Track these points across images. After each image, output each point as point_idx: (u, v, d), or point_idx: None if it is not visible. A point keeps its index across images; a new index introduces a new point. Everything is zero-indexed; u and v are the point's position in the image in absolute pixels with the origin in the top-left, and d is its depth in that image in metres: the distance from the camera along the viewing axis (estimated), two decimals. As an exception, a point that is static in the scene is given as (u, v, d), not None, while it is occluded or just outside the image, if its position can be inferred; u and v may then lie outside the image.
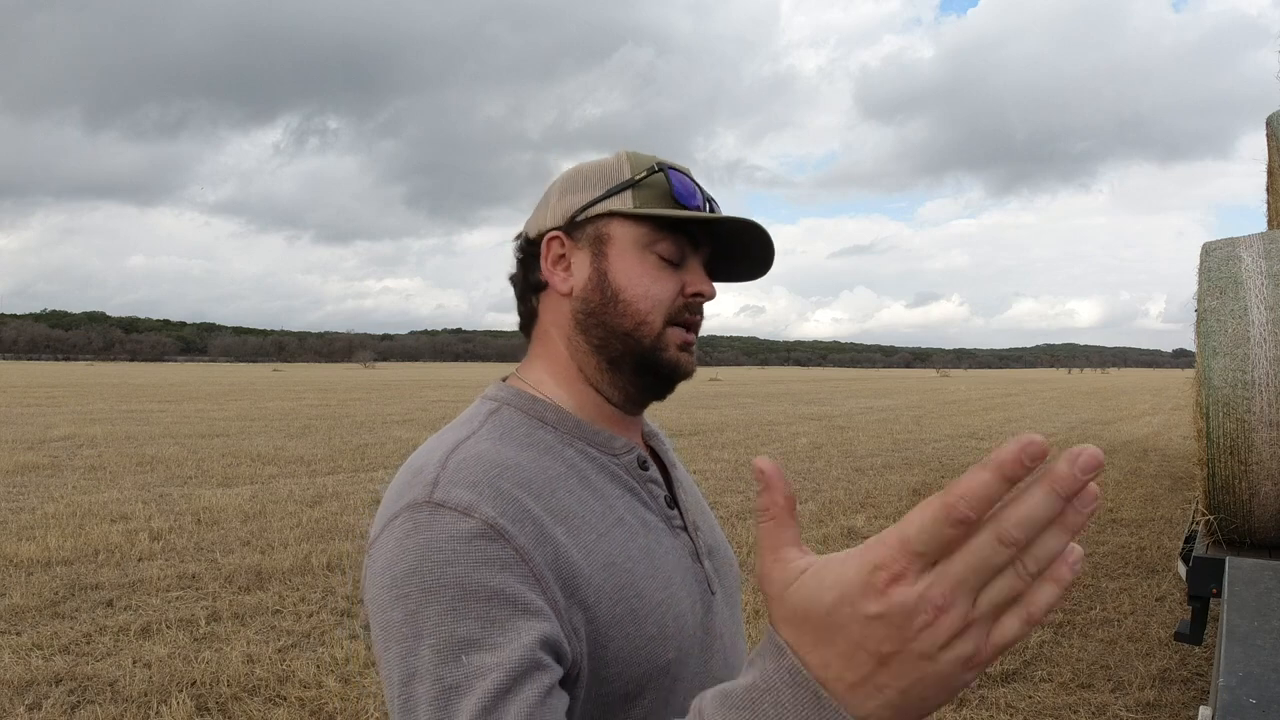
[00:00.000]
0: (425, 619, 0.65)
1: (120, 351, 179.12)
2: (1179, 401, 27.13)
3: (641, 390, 0.87)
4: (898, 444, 14.15)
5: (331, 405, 22.89)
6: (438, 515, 0.69)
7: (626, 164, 0.86)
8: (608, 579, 0.75)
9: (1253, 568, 2.61)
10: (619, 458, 0.85)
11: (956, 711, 3.65)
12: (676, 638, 0.79)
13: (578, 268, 0.85)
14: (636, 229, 0.84)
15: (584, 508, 0.78)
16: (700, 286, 0.85)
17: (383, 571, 0.69)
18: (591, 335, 0.85)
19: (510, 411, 0.84)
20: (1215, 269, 3.65)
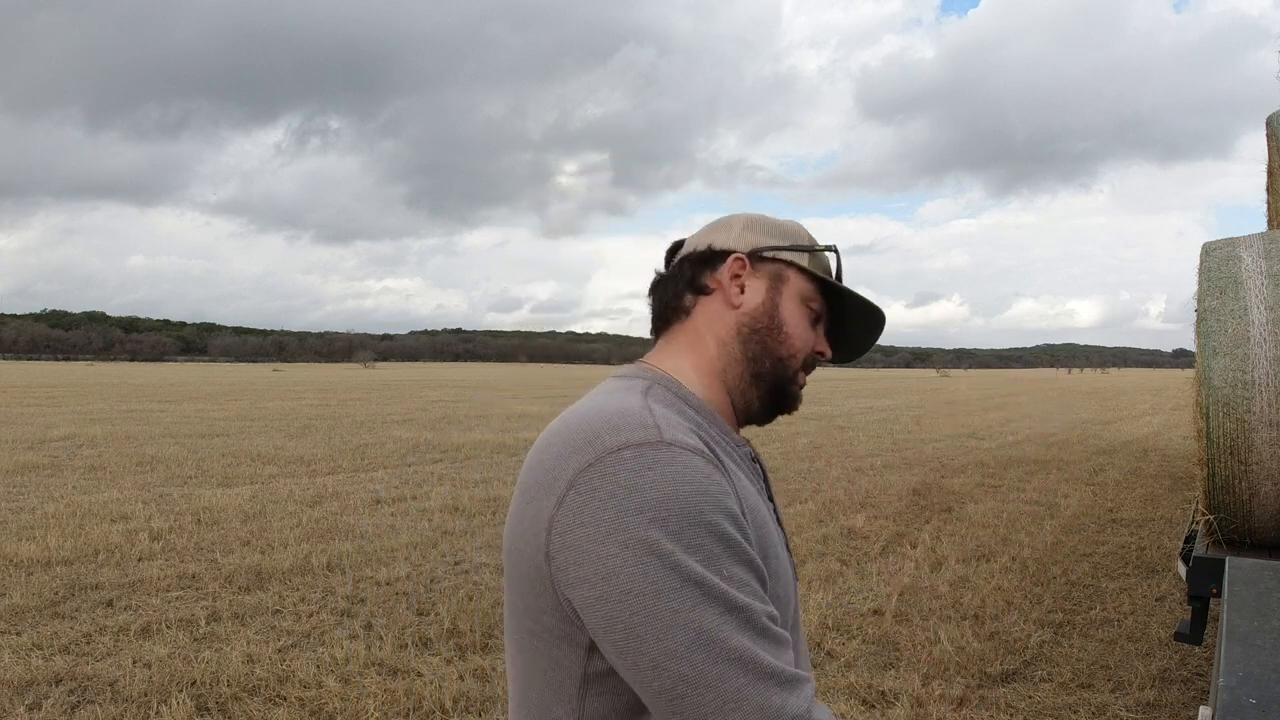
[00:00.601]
0: (691, 535, 0.72)
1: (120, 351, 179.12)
2: (1179, 401, 27.13)
3: (762, 407, 0.99)
4: (898, 444, 14.15)
5: (331, 405, 22.89)
6: (677, 453, 0.76)
7: (804, 233, 1.02)
8: (761, 537, 0.84)
9: (1253, 568, 2.61)
10: (740, 449, 0.94)
11: (957, 711, 3.65)
12: (786, 605, 0.88)
13: (752, 291, 0.97)
14: (806, 284, 0.98)
15: (739, 476, 0.87)
16: (823, 348, 1.01)
17: (624, 497, 0.73)
18: (750, 347, 0.96)
19: (662, 390, 0.90)
20: (1215, 269, 3.65)
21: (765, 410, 0.99)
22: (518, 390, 35.92)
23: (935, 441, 14.69)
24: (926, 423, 18.99)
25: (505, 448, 12.95)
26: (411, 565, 5.88)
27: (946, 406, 26.01)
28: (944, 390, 40.94)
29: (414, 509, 7.88)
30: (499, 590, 5.26)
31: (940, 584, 5.52)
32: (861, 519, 7.58)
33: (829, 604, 5.07)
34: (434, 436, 14.49)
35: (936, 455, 12.58)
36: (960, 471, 10.77)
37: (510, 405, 24.08)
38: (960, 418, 20.77)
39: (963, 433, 16.52)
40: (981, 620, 4.79)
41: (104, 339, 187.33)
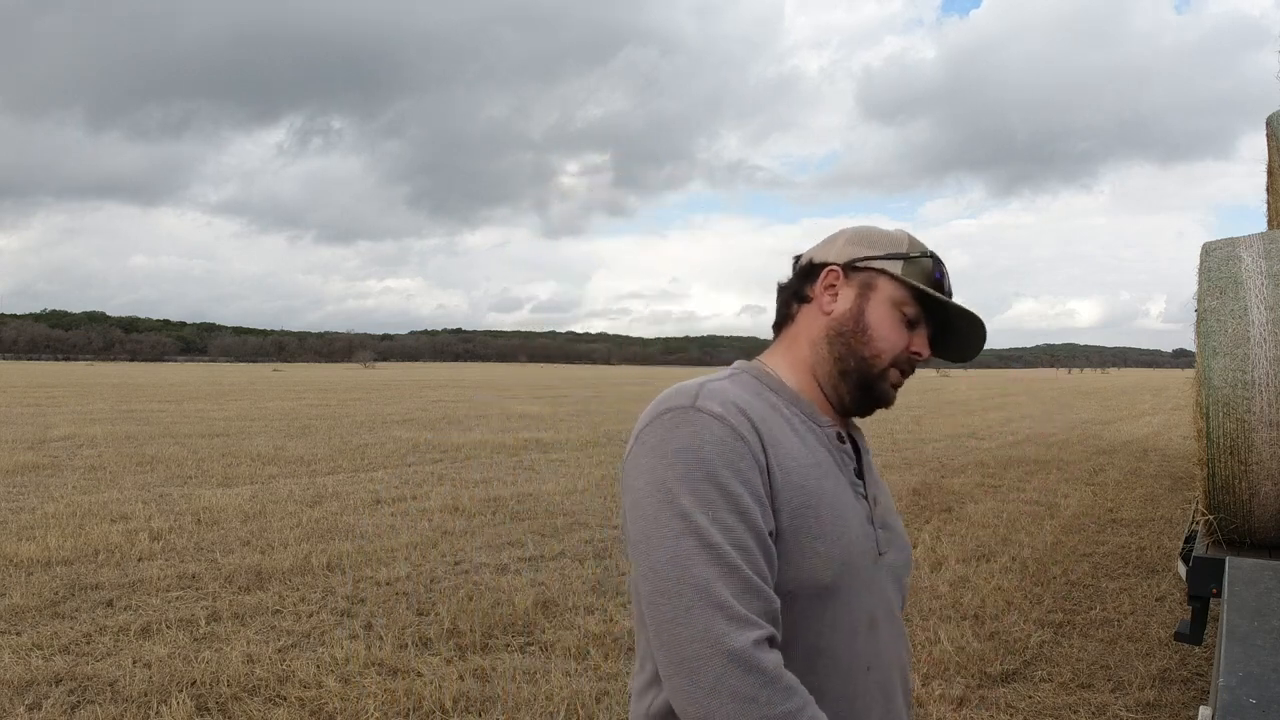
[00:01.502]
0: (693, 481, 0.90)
1: (120, 351, 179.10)
2: (1179, 401, 27.13)
3: (854, 402, 1.10)
4: (898, 444, 14.15)
5: (331, 405, 22.89)
6: (699, 415, 0.95)
7: (906, 241, 1.11)
8: (795, 495, 0.96)
9: (1253, 568, 2.61)
10: (824, 429, 1.07)
11: (957, 711, 3.65)
12: (839, 565, 0.98)
13: (843, 299, 1.10)
14: (897, 290, 1.08)
15: (790, 443, 1.00)
16: (920, 349, 1.10)
17: (656, 446, 0.94)
18: (835, 348, 1.09)
19: (746, 376, 1.08)
20: (1215, 269, 3.65)
21: (857, 403, 1.10)
22: (517, 390, 35.92)
23: (935, 441, 14.68)
24: (926, 423, 18.99)
25: (505, 448, 12.95)
26: (411, 565, 5.88)
27: (946, 406, 26.01)
28: (944, 390, 40.95)
29: (414, 509, 7.88)
30: (499, 590, 5.26)
31: (940, 584, 5.52)
32: (861, 519, 7.57)
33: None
34: (434, 436, 14.49)
35: (936, 455, 12.57)
36: (960, 471, 10.77)
37: (510, 405, 24.08)
38: (960, 418, 20.77)
39: (963, 433, 16.52)
40: (981, 620, 4.79)
41: (104, 339, 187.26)
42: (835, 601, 0.99)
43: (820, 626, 0.98)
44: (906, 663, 1.13)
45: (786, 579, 0.95)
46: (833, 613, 0.99)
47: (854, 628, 1.01)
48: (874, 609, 1.04)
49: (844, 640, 1.00)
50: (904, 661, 1.12)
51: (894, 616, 1.09)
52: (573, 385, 43.79)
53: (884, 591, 1.07)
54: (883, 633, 1.05)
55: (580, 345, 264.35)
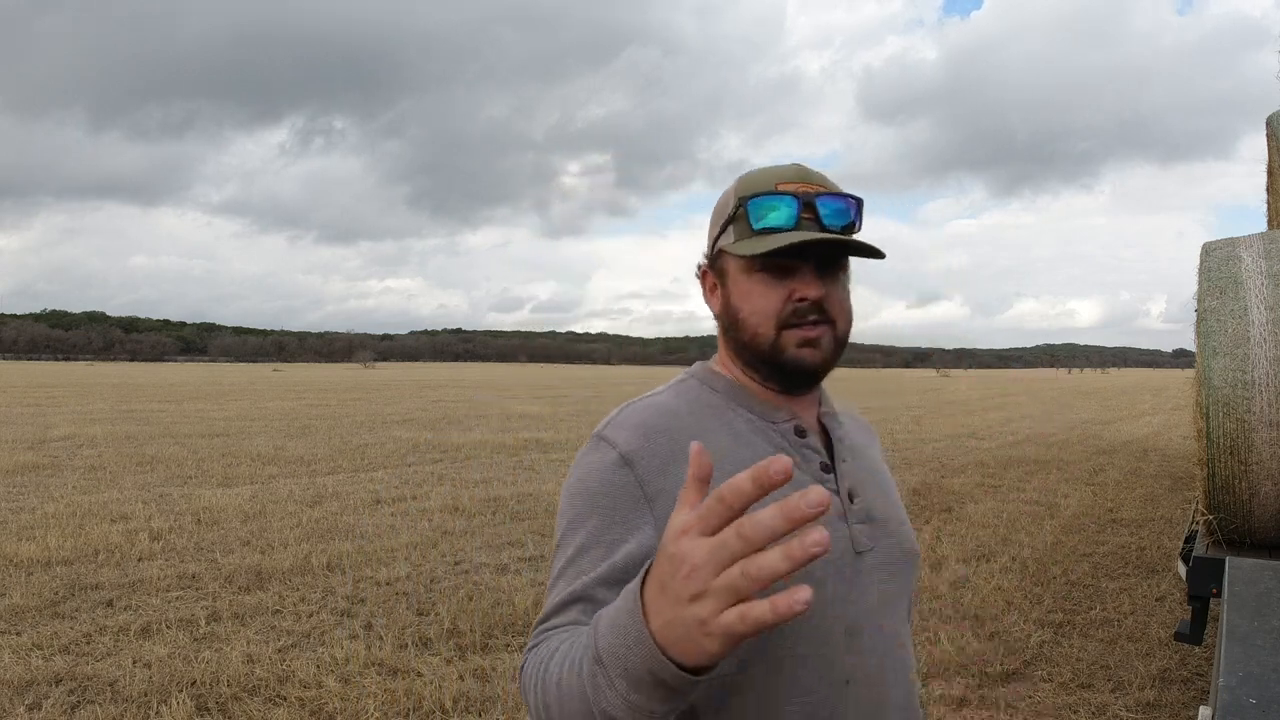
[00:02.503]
0: (566, 517, 0.95)
1: (120, 351, 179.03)
2: (1179, 401, 27.13)
3: (778, 383, 1.02)
4: (898, 444, 14.14)
5: (331, 405, 22.89)
6: (599, 445, 0.97)
7: (733, 197, 1.01)
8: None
9: (1253, 568, 2.61)
10: (777, 425, 1.01)
11: (957, 711, 3.65)
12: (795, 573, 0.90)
13: (720, 295, 1.04)
14: (740, 258, 0.99)
15: (723, 455, 0.95)
16: (803, 291, 0.97)
17: (569, 475, 0.99)
18: (730, 345, 1.04)
19: (693, 381, 1.06)
20: (1215, 269, 3.65)
21: (780, 383, 1.02)
22: (517, 390, 35.93)
23: (935, 441, 14.68)
24: (926, 423, 18.99)
25: (505, 448, 12.95)
26: (411, 565, 5.88)
27: (946, 406, 26.02)
28: (944, 390, 40.95)
29: (414, 509, 7.88)
30: (499, 590, 5.26)
31: (940, 584, 5.52)
32: (861, 519, 7.57)
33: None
34: (434, 436, 14.49)
35: (936, 455, 12.57)
36: (960, 471, 10.77)
37: (510, 405, 24.09)
38: (960, 418, 20.77)
39: (963, 433, 16.52)
40: (981, 620, 4.79)
41: (104, 339, 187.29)
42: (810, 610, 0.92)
43: (784, 635, 0.90)
44: (904, 677, 1.01)
45: None
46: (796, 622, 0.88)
47: (825, 637, 0.92)
48: (852, 616, 0.95)
49: (813, 652, 0.92)
50: (899, 674, 1.00)
51: (882, 624, 0.98)
52: (573, 385, 43.79)
53: (866, 597, 0.97)
54: (865, 643, 0.95)
55: (580, 345, 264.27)
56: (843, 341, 1.01)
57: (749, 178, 1.01)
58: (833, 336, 0.99)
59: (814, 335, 0.97)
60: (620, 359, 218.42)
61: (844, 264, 1.02)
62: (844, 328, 1.01)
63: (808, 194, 0.97)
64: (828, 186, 1.00)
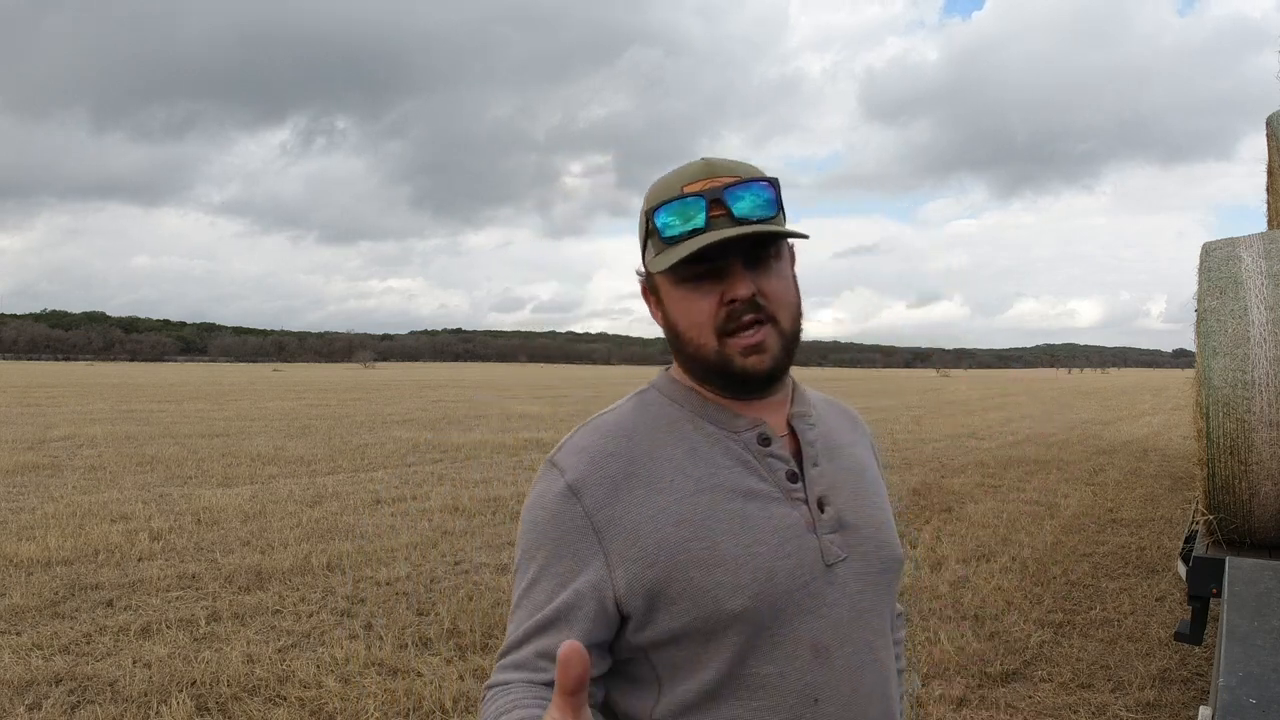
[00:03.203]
0: (520, 546, 0.96)
1: (120, 351, 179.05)
2: (1179, 401, 27.13)
3: (727, 390, 0.98)
4: (898, 444, 14.15)
5: (331, 405, 22.89)
6: (549, 472, 0.95)
7: (644, 212, 0.96)
8: (676, 531, 0.90)
9: (1253, 568, 2.61)
10: (739, 434, 0.97)
11: (957, 711, 3.65)
12: (752, 591, 0.89)
13: (659, 311, 1.00)
14: (665, 273, 0.94)
15: (677, 474, 0.93)
16: (732, 292, 0.91)
17: (527, 497, 0.98)
18: (681, 359, 0.99)
19: (654, 393, 1.02)
20: (1215, 269, 3.65)
21: (730, 390, 0.97)
22: (517, 390, 35.94)
23: (935, 441, 14.68)
24: (926, 423, 18.99)
25: (505, 448, 12.95)
26: (411, 565, 5.88)
27: (946, 406, 26.02)
28: (944, 390, 40.95)
29: (414, 509, 7.88)
30: (499, 590, 5.26)
31: (940, 584, 5.52)
32: (861, 519, 7.57)
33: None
34: (434, 436, 14.49)
35: (936, 455, 12.57)
36: (960, 471, 10.77)
37: (510, 405, 24.09)
38: (960, 418, 20.77)
39: (963, 433, 16.52)
40: (981, 620, 4.79)
41: (104, 339, 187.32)
42: (763, 629, 0.88)
43: (748, 657, 0.88)
44: (883, 690, 0.97)
45: (700, 614, 0.88)
46: (762, 641, 0.89)
47: (791, 656, 0.89)
48: (822, 634, 0.91)
49: (779, 670, 0.89)
50: (877, 689, 0.96)
51: (856, 638, 0.94)
52: (573, 385, 43.80)
53: (837, 611, 0.92)
54: (837, 659, 0.91)
55: (580, 345, 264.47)
56: (791, 336, 0.95)
57: (655, 187, 0.96)
58: (778, 334, 0.93)
59: (757, 340, 0.92)
60: (620, 359, 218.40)
61: (776, 252, 0.95)
62: (789, 320, 0.94)
63: (713, 189, 0.91)
64: (739, 174, 0.93)
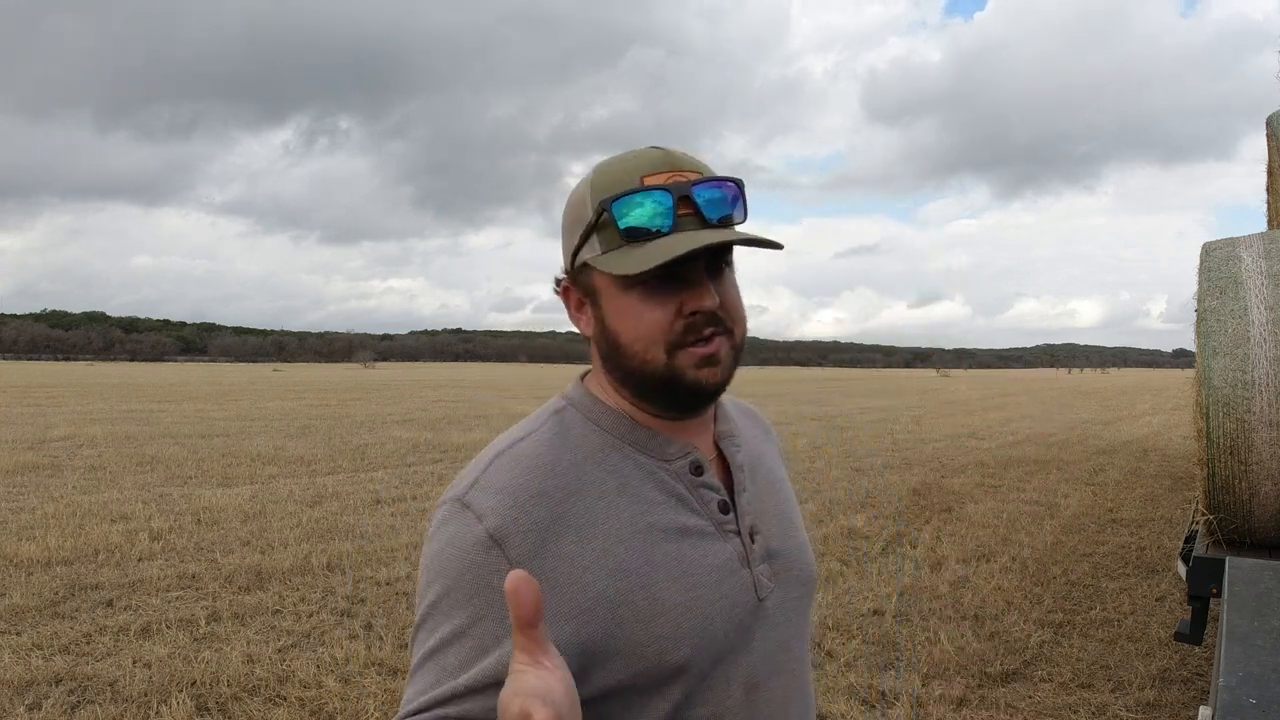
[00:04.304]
0: (427, 598, 0.81)
1: (120, 351, 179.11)
2: (1179, 401, 27.13)
3: (675, 409, 0.87)
4: (897, 444, 14.15)
5: (331, 405, 22.89)
6: (462, 515, 0.81)
7: (589, 200, 0.84)
8: (614, 582, 0.80)
9: (1253, 568, 2.61)
10: (671, 464, 0.88)
11: (957, 711, 3.65)
12: (694, 641, 0.83)
13: (591, 314, 0.87)
14: (612, 280, 0.83)
15: (610, 514, 0.83)
16: (694, 304, 0.82)
17: (426, 544, 0.84)
18: (615, 373, 0.87)
19: (573, 413, 0.89)
20: (1215, 269, 3.65)
21: (673, 408, 0.87)
22: (517, 390, 35.92)
23: (935, 441, 14.69)
24: (926, 423, 18.99)
25: (505, 448, 12.94)
26: (411, 565, 5.87)
27: (946, 406, 26.01)
28: (944, 390, 40.95)
29: (414, 509, 7.88)
30: (499, 590, 5.26)
31: (940, 584, 5.52)
32: (861, 519, 7.58)
33: (829, 604, 5.07)
34: (434, 436, 14.49)
35: (936, 455, 12.58)
36: (960, 471, 10.77)
37: (510, 405, 24.08)
38: (960, 418, 20.77)
39: (963, 433, 16.52)
40: (981, 620, 4.80)
41: (104, 339, 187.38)
42: (696, 678, 0.83)
43: (685, 704, 0.83)
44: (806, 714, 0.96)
45: (643, 669, 0.81)
46: (699, 686, 0.84)
47: (724, 696, 0.85)
48: (753, 670, 0.87)
49: (712, 711, 0.85)
50: (801, 711, 0.95)
51: (782, 667, 0.91)
52: (573, 385, 43.72)
53: (766, 645, 0.89)
54: (764, 691, 0.89)
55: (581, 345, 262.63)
56: (740, 349, 0.88)
57: (606, 172, 0.84)
58: (731, 347, 0.85)
59: (711, 351, 0.83)
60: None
61: (729, 259, 0.87)
62: (741, 333, 0.87)
63: (680, 184, 0.81)
64: (701, 171, 0.84)
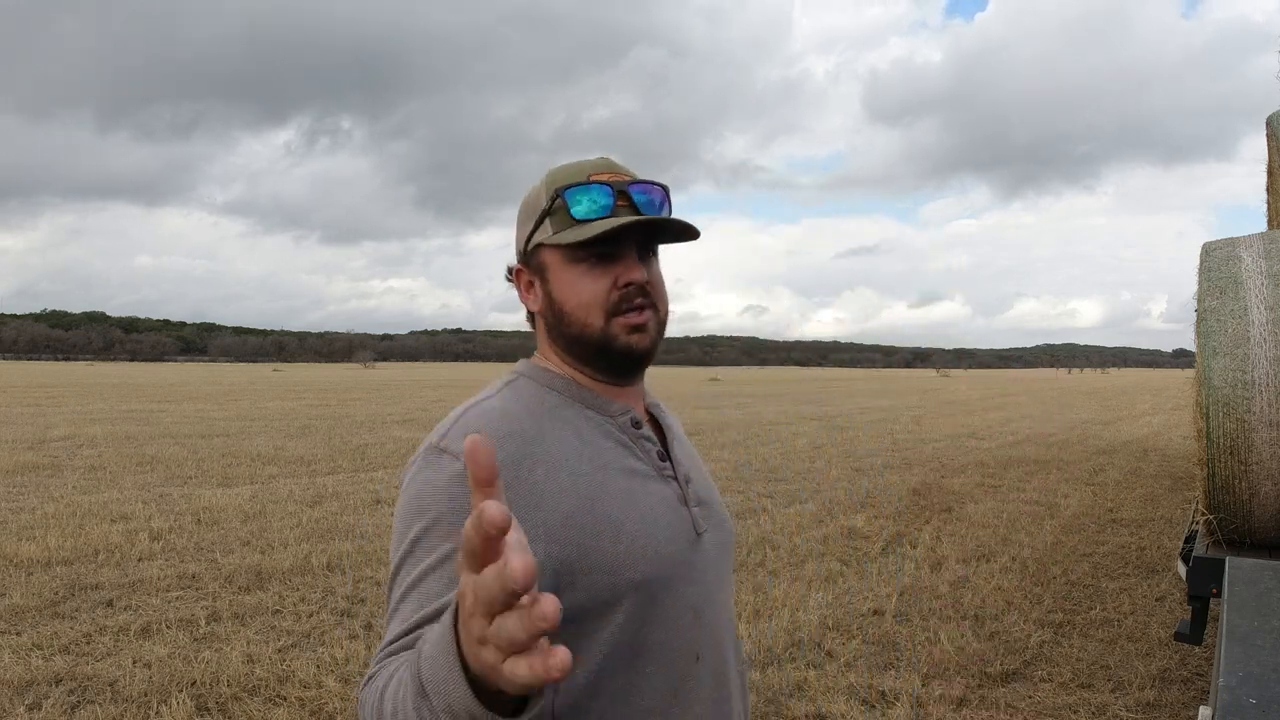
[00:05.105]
0: (406, 539, 0.88)
1: (120, 351, 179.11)
2: (1179, 401, 27.13)
3: (610, 373, 1.03)
4: (898, 444, 14.15)
5: (331, 405, 22.88)
6: (438, 459, 0.92)
7: (544, 192, 1.01)
8: (579, 505, 0.93)
9: (1253, 568, 2.61)
10: (615, 419, 1.03)
11: (957, 711, 3.65)
12: (648, 560, 0.95)
13: (538, 292, 1.04)
14: (561, 250, 1.00)
15: (570, 454, 0.96)
16: (627, 276, 0.98)
17: (402, 494, 0.93)
18: (557, 342, 1.04)
19: (525, 381, 1.04)
20: (1215, 269, 3.65)
21: (614, 373, 1.03)
22: (518, 390, 35.90)
23: (935, 441, 14.68)
24: (926, 423, 18.99)
25: (505, 448, 12.94)
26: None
27: (946, 406, 26.01)
28: (944, 390, 40.95)
29: (414, 509, 7.88)
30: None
31: (940, 584, 5.52)
32: (861, 519, 7.58)
33: (829, 604, 5.07)
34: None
35: (936, 455, 12.57)
36: (960, 471, 10.77)
37: (510, 405, 24.06)
38: (960, 418, 20.76)
39: (963, 433, 16.52)
40: (981, 620, 4.79)
41: (104, 339, 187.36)
42: (654, 597, 0.95)
43: (642, 625, 0.95)
44: (734, 643, 1.09)
45: (605, 584, 0.92)
46: (654, 608, 0.96)
47: (678, 619, 0.98)
48: (696, 597, 1.00)
49: (669, 633, 0.97)
50: (733, 643, 1.09)
51: (717, 600, 1.05)
52: (573, 385, 43.75)
53: (704, 576, 1.03)
54: (707, 619, 1.02)
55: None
56: (664, 325, 1.03)
57: (559, 171, 1.02)
58: (657, 320, 1.01)
59: (641, 320, 0.99)
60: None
61: (656, 250, 1.05)
62: (664, 312, 1.03)
63: (619, 182, 0.99)
64: (637, 177, 1.03)
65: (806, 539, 6.78)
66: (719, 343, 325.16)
